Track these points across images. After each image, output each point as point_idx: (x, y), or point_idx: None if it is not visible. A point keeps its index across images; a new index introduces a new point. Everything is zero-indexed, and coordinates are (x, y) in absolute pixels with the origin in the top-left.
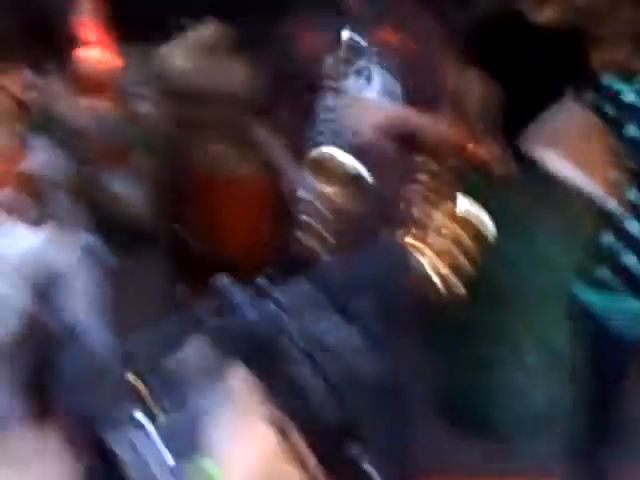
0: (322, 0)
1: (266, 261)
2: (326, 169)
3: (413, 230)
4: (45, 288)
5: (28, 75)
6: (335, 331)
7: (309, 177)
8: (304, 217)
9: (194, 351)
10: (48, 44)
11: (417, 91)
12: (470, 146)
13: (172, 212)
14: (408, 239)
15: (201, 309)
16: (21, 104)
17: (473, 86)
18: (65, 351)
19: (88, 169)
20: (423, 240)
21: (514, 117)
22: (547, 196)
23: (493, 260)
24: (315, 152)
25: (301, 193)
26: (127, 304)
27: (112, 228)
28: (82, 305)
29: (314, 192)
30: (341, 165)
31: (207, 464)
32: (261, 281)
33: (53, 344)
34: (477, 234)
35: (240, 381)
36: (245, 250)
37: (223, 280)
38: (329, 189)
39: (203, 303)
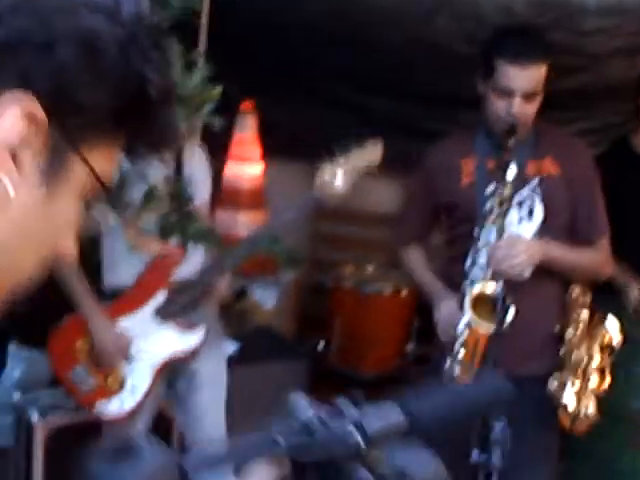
0: (482, 128)
1: (405, 383)
2: (481, 304)
3: (568, 369)
4: (182, 390)
5: None
6: (418, 461)
7: (463, 309)
8: (456, 346)
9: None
10: None
11: (577, 223)
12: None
13: (312, 325)
14: (562, 378)
15: (277, 427)
16: None
17: None
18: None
19: (236, 279)
20: (577, 378)
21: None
22: None
23: (631, 396)
24: (470, 287)
25: (452, 321)
26: (254, 412)
27: (254, 337)
28: (209, 407)
29: (467, 324)
30: (496, 302)
31: None
32: (341, 401)
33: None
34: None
35: None
36: (384, 369)
37: (297, 397)
38: (484, 324)
39: (279, 422)
